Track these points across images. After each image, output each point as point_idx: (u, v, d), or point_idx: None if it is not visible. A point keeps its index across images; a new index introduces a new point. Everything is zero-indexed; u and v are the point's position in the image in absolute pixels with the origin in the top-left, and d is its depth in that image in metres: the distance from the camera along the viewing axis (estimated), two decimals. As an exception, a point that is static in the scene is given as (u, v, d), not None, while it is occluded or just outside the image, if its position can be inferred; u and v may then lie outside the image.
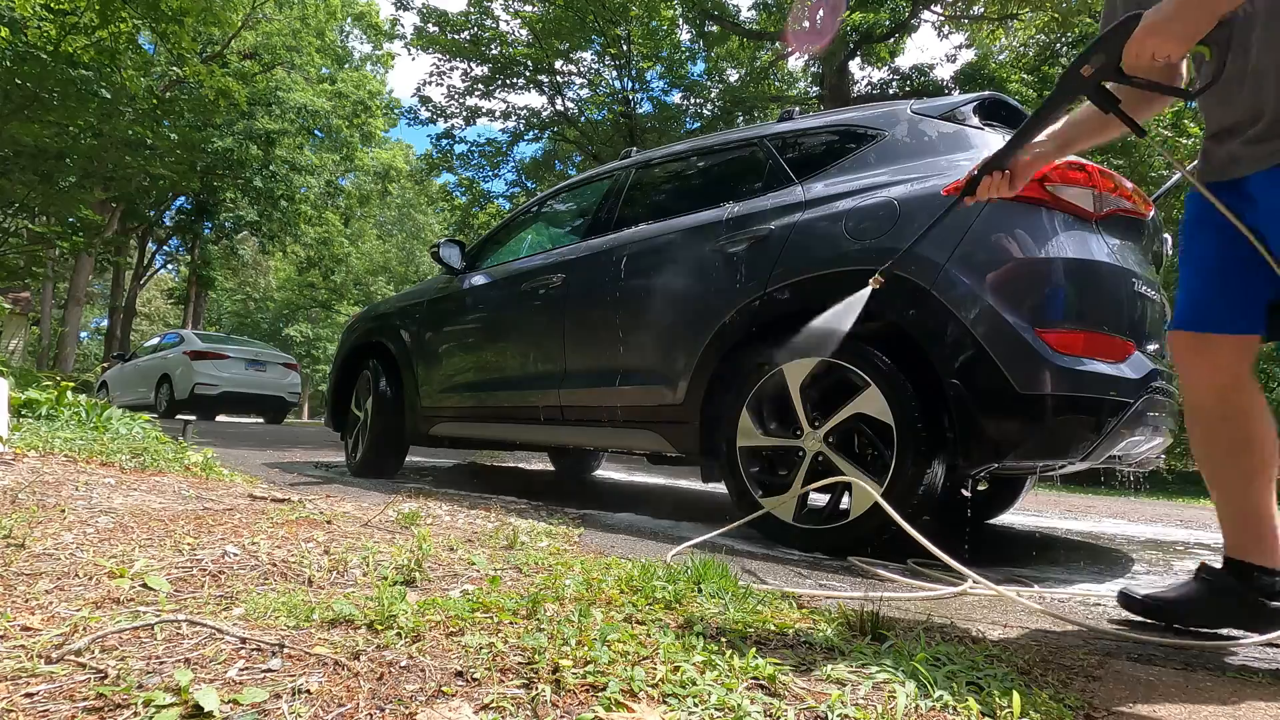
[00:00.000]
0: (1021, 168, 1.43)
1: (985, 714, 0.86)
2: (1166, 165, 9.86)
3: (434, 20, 15.79)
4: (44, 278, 18.57)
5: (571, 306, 2.97)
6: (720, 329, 2.43)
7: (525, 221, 3.79)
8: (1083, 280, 1.94)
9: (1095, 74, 1.19)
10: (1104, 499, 5.78)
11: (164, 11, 10.49)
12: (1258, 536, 1.32)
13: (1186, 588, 1.40)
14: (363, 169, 25.11)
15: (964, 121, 2.27)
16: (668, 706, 0.82)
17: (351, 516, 2.02)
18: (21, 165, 11.42)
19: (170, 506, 1.89)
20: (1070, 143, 1.43)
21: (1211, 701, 1.00)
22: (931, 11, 14.25)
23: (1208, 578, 1.38)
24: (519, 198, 17.99)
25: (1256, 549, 1.32)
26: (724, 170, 2.94)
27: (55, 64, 9.75)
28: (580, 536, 2.16)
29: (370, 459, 3.83)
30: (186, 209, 21.55)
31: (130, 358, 12.88)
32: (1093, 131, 1.41)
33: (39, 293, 21.43)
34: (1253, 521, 1.33)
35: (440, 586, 1.36)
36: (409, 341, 3.79)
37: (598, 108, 16.90)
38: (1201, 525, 4.20)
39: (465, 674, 0.88)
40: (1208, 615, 1.35)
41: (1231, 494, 1.35)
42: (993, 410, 1.92)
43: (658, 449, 2.72)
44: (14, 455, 2.39)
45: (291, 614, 1.07)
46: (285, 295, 35.17)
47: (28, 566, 1.23)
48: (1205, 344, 1.33)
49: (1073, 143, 1.43)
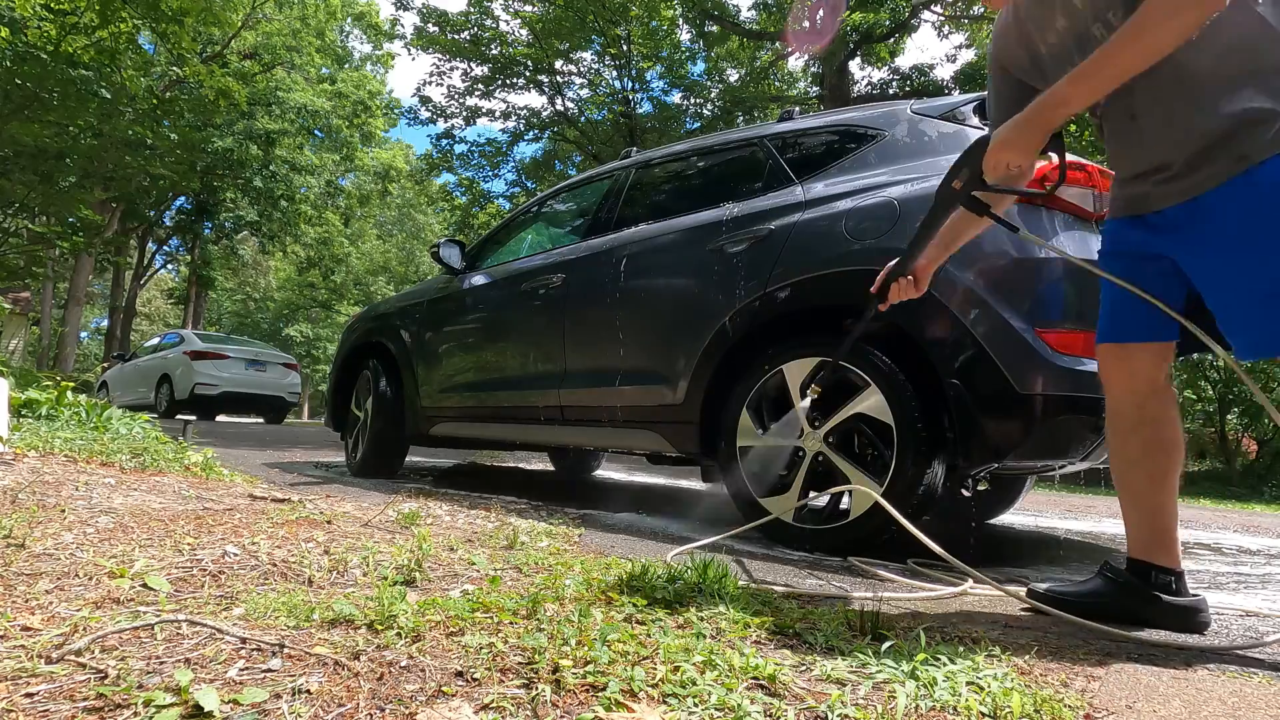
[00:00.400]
0: (920, 271, 1.64)
1: (985, 714, 0.86)
2: None
3: (434, 20, 15.80)
4: (44, 278, 18.57)
5: (571, 306, 2.97)
6: (720, 329, 2.43)
7: (525, 221, 3.79)
8: (1082, 280, 1.94)
9: (965, 186, 1.40)
10: (1104, 499, 5.78)
11: (164, 11, 10.49)
12: (1159, 537, 1.41)
13: (1091, 584, 1.49)
14: (363, 169, 25.11)
15: (964, 121, 2.27)
16: (668, 706, 0.82)
17: (351, 516, 2.02)
18: (21, 165, 11.42)
19: (170, 506, 1.89)
20: (954, 243, 1.63)
21: (1211, 701, 1.00)
22: (931, 11, 14.24)
23: (1110, 575, 1.47)
24: (519, 198, 17.99)
25: (1158, 549, 1.41)
26: (724, 170, 2.94)
27: (55, 64, 9.75)
28: (580, 536, 2.16)
29: (370, 459, 3.83)
30: (186, 209, 21.55)
31: (130, 358, 12.89)
32: (970, 229, 1.62)
33: (39, 293, 21.44)
34: (1155, 523, 1.42)
35: (440, 586, 1.36)
36: (409, 341, 3.79)
37: (598, 108, 16.90)
38: (1201, 525, 4.20)
39: (465, 674, 0.88)
40: (1109, 610, 1.42)
41: (1138, 496, 1.44)
42: (993, 410, 1.92)
43: (658, 449, 2.72)
44: (14, 455, 2.39)
45: (291, 614, 1.07)
46: (285, 295, 35.18)
47: (28, 566, 1.23)
48: (1125, 353, 1.42)
49: (955, 242, 1.63)
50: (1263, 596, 1.91)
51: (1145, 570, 1.42)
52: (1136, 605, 1.41)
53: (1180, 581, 1.42)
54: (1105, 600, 1.44)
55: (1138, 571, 1.43)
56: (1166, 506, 1.41)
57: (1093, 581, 1.49)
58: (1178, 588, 1.41)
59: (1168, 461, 1.41)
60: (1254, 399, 10.13)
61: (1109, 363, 1.44)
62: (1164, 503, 1.41)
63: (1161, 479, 1.41)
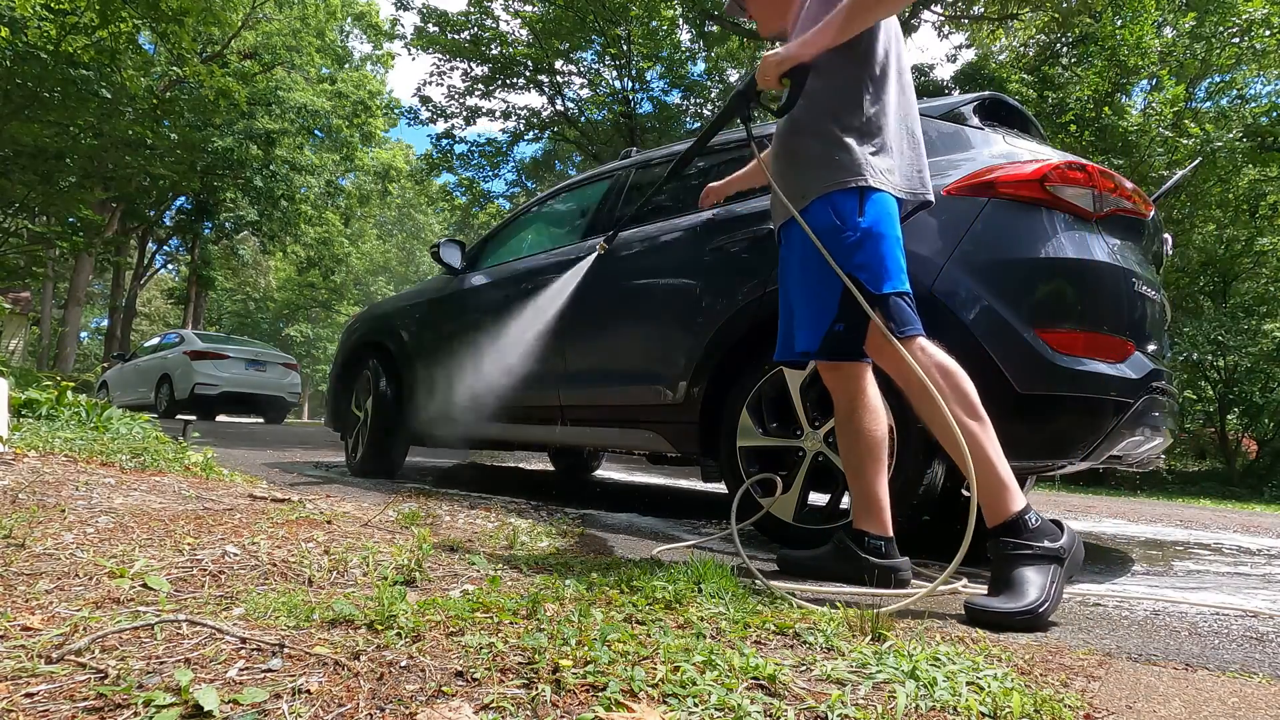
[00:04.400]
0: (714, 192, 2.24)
1: (985, 714, 0.86)
2: (1166, 166, 9.87)
3: (434, 20, 15.80)
4: (44, 278, 18.58)
5: (571, 306, 2.97)
6: (720, 328, 2.42)
7: (525, 221, 3.79)
8: (1083, 280, 1.94)
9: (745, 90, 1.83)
10: (1104, 499, 5.78)
11: (164, 11, 10.47)
12: (871, 509, 1.68)
13: (823, 550, 1.76)
14: (363, 169, 25.09)
15: (964, 121, 2.27)
16: (668, 706, 0.82)
17: (351, 516, 2.02)
18: (21, 165, 11.42)
19: (170, 506, 1.89)
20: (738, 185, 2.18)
21: (1211, 701, 1.00)
22: (931, 11, 14.25)
23: (837, 543, 1.73)
24: (519, 198, 18.00)
25: (871, 519, 1.68)
26: (724, 170, 2.93)
27: (55, 64, 9.76)
28: (580, 536, 2.16)
29: (370, 459, 3.82)
30: (186, 209, 21.53)
31: (130, 358, 12.87)
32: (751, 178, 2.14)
33: (39, 293, 21.45)
34: (868, 497, 1.68)
35: (440, 586, 1.36)
36: (409, 341, 3.79)
37: (598, 108, 16.91)
38: (1201, 525, 4.20)
39: (465, 674, 0.88)
40: (834, 572, 1.70)
41: (855, 476, 1.69)
42: (993, 410, 1.92)
43: (658, 449, 2.72)
44: (14, 455, 2.39)
45: (291, 614, 1.07)
46: (285, 295, 35.19)
47: (28, 566, 1.23)
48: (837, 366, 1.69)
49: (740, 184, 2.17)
50: (1263, 597, 1.91)
51: (860, 536, 1.69)
52: (853, 566, 1.67)
53: (890, 546, 1.68)
54: (828, 562, 1.72)
55: (854, 538, 1.69)
56: (876, 484, 1.68)
57: (825, 548, 1.76)
58: (886, 551, 1.67)
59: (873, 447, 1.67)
60: (1254, 399, 10.14)
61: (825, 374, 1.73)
62: (874, 482, 1.68)
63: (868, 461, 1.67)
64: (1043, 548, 1.40)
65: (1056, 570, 1.39)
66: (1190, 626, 1.50)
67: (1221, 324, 9.75)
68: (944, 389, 1.49)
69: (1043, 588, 1.37)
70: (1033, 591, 1.36)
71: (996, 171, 2.02)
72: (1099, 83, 11.78)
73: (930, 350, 1.55)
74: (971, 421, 1.48)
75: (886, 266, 1.56)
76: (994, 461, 1.46)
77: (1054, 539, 1.41)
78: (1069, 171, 1.98)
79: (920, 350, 1.54)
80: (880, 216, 1.58)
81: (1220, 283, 11.16)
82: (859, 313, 1.55)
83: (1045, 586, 1.37)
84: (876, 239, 1.57)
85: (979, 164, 2.09)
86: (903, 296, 1.57)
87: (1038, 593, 1.36)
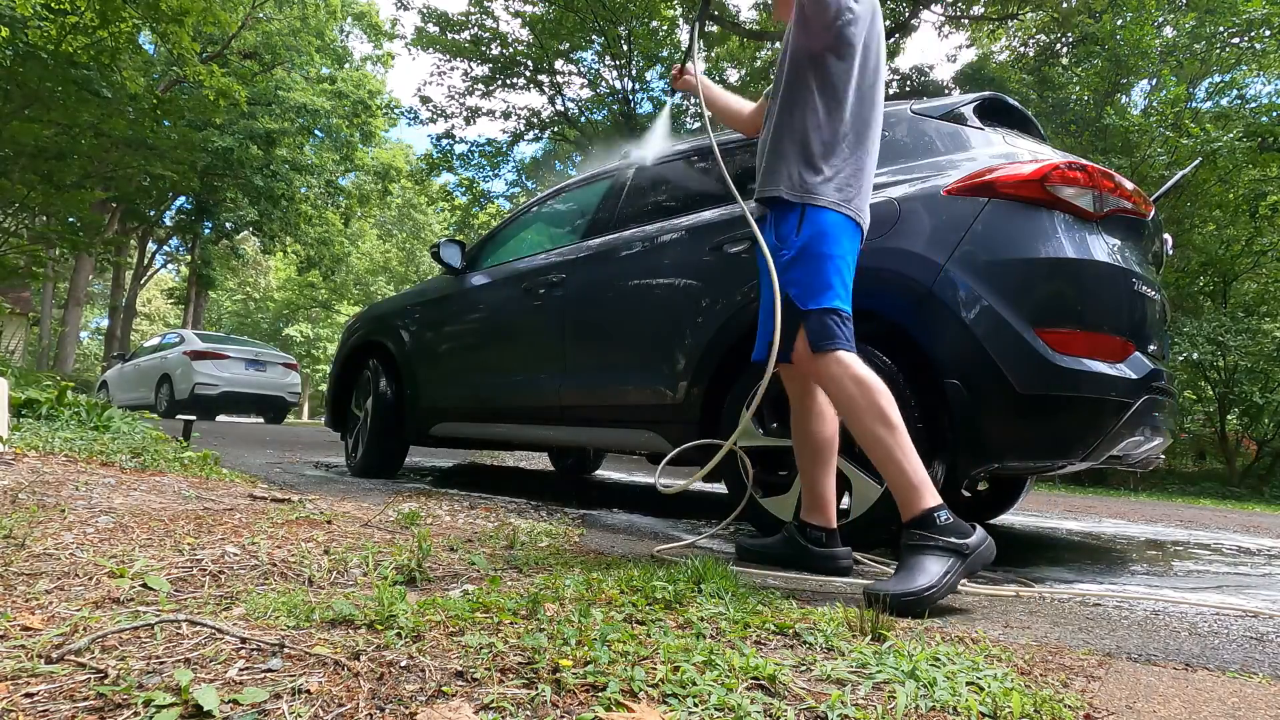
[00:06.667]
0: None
1: (985, 714, 0.86)
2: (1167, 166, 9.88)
3: (434, 20, 15.81)
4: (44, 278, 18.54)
5: (571, 306, 2.97)
6: (720, 328, 2.42)
7: (525, 221, 3.79)
8: (1083, 280, 1.94)
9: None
10: (1104, 499, 5.78)
11: (164, 11, 10.45)
12: (816, 504, 1.83)
13: (776, 539, 1.94)
14: (363, 169, 25.07)
15: (964, 121, 2.27)
16: (668, 706, 0.82)
17: (351, 516, 2.02)
18: (21, 165, 11.41)
19: (170, 506, 1.89)
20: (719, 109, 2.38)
21: (1211, 701, 1.00)
22: (931, 11, 14.26)
23: (787, 533, 1.90)
24: (519, 198, 18.00)
25: (815, 511, 1.84)
26: (708, 168, 2.94)
27: (55, 64, 9.74)
28: (580, 536, 2.16)
29: (370, 459, 3.82)
30: (186, 209, 21.52)
31: (130, 358, 12.87)
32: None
33: (39, 293, 21.43)
34: (814, 491, 1.84)
35: (440, 586, 1.36)
36: (409, 341, 3.79)
37: (598, 108, 16.90)
38: (1201, 525, 4.20)
39: (465, 674, 0.88)
40: (783, 558, 1.87)
41: (803, 471, 1.85)
42: (993, 410, 1.92)
43: (658, 449, 2.72)
44: (14, 455, 2.39)
45: (291, 614, 1.07)
46: (285, 295, 35.19)
47: (28, 566, 1.23)
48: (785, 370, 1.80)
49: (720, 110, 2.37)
50: (1263, 597, 1.91)
51: (803, 527, 1.85)
52: (797, 554, 1.84)
53: (830, 537, 1.83)
54: (778, 551, 1.90)
55: (800, 529, 1.86)
56: (822, 479, 1.83)
57: (777, 538, 1.93)
58: (827, 542, 1.83)
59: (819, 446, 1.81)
60: (1254, 399, 10.12)
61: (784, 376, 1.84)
62: (820, 477, 1.82)
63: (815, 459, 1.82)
64: (947, 542, 1.49)
65: (956, 563, 1.48)
66: (1190, 626, 1.50)
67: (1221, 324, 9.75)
68: (857, 399, 1.59)
69: (935, 576, 1.46)
70: (923, 579, 1.45)
71: (996, 171, 2.02)
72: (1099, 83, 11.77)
73: (847, 363, 1.63)
74: (881, 429, 1.58)
75: (815, 285, 1.66)
76: (903, 463, 1.56)
77: (961, 536, 1.50)
78: (1069, 171, 1.98)
79: (836, 363, 1.63)
80: (818, 235, 1.66)
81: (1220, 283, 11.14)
82: (786, 324, 1.68)
83: (939, 576, 1.46)
84: (812, 258, 1.66)
85: (979, 164, 2.09)
86: (832, 314, 1.65)
87: (928, 580, 1.45)
